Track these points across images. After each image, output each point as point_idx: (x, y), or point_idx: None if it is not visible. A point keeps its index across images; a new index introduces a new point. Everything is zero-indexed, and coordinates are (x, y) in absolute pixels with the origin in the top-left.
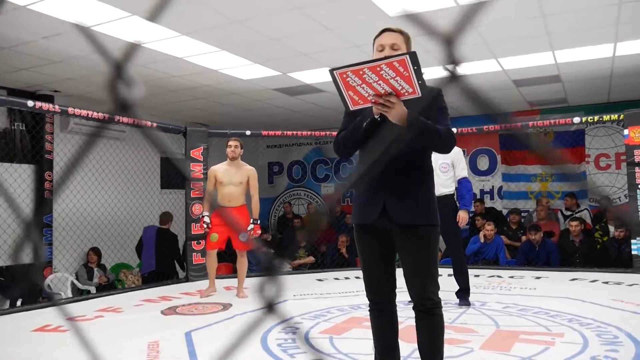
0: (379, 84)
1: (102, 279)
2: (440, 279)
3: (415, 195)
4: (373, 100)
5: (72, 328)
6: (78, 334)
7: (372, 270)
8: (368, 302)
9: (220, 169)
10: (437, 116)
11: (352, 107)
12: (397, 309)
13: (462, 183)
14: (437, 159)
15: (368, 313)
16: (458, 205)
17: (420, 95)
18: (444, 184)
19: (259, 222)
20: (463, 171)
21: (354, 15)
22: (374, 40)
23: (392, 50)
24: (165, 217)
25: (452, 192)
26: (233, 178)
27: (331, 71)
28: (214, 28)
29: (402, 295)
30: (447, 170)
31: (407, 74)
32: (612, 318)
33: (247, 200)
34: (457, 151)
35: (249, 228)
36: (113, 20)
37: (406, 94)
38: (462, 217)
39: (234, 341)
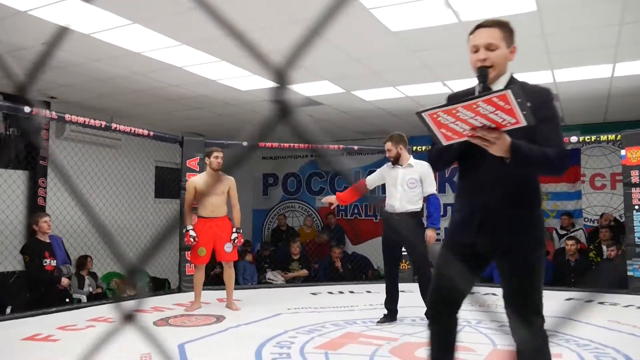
0: (476, 119)
1: (97, 290)
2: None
3: (519, 216)
4: (470, 135)
5: (63, 338)
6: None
7: (448, 286)
8: (430, 318)
9: (199, 180)
10: (543, 130)
11: (445, 143)
12: (393, 324)
13: (430, 200)
14: (405, 173)
15: (365, 329)
16: (425, 223)
17: (526, 124)
18: (410, 200)
19: (241, 230)
20: (431, 187)
21: (356, 30)
22: (469, 36)
23: (489, 51)
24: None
25: (419, 209)
26: (215, 188)
27: (419, 114)
28: (216, 38)
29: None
30: (415, 186)
31: (509, 107)
32: (610, 339)
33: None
34: (425, 166)
35: (232, 237)
36: (113, 27)
37: (508, 125)
38: (430, 235)
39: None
